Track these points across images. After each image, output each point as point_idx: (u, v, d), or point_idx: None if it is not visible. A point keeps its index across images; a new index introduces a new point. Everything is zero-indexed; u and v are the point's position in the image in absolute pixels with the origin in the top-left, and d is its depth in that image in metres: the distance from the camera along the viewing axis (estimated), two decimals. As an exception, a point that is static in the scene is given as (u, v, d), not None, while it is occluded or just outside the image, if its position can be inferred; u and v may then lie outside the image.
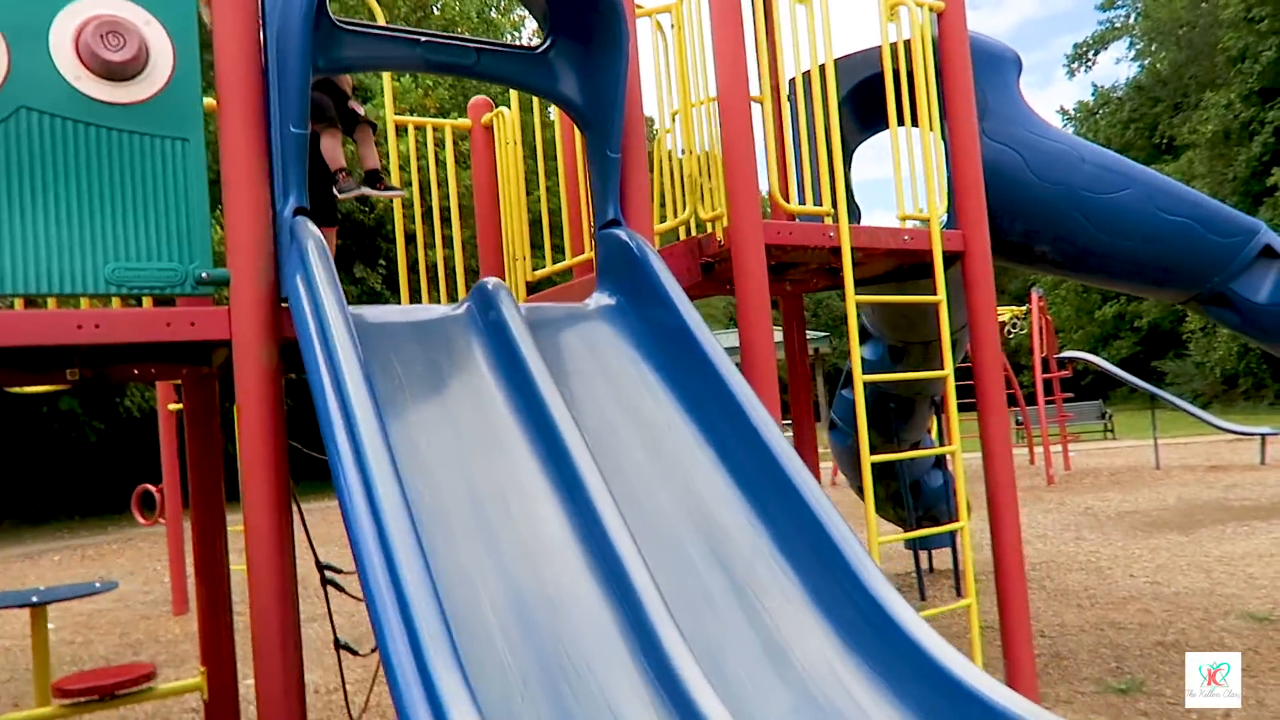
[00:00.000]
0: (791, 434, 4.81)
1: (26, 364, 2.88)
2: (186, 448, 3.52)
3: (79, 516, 15.95)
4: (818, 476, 4.62)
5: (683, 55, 3.46)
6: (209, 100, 2.68)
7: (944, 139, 3.85)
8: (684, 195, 3.64)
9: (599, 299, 2.92)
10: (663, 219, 3.69)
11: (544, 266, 3.95)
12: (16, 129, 2.27)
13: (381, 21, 3.79)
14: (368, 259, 18.13)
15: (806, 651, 2.13)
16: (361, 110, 3.63)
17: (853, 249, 3.61)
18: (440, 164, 4.12)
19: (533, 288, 4.02)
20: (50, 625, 6.91)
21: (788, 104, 4.33)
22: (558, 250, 3.94)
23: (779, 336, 4.80)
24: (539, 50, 2.96)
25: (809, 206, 3.50)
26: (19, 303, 2.77)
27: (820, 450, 5.66)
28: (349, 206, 14.15)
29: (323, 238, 2.42)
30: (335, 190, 3.53)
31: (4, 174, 2.25)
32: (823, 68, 3.46)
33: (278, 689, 2.33)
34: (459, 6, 21.68)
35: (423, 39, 2.77)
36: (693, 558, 2.27)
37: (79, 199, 2.31)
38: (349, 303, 2.29)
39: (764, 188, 3.59)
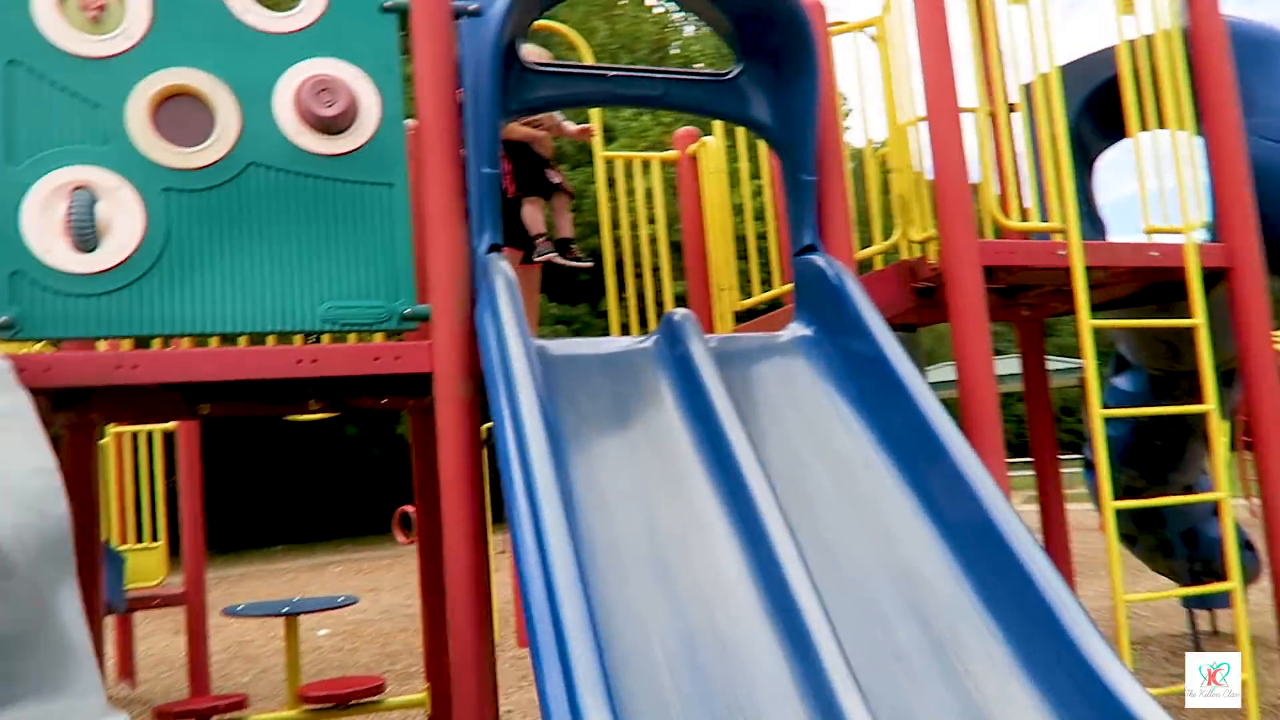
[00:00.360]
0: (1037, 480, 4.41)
1: (270, 396, 3.15)
2: (413, 474, 3.73)
3: (359, 534, 17.54)
4: (1061, 517, 4.22)
5: (888, 69, 3.28)
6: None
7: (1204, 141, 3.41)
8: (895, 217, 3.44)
9: (794, 329, 2.80)
10: (869, 242, 3.51)
11: (751, 295, 3.87)
12: (247, 183, 2.49)
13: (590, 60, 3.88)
14: (586, 292, 18.62)
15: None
16: (558, 179, 3.78)
17: (1091, 268, 3.27)
18: (650, 196, 4.15)
19: (742, 317, 3.95)
20: (323, 632, 7.63)
21: (1022, 112, 4.01)
22: (768, 279, 3.84)
23: (1015, 366, 4.43)
24: (729, 76, 2.90)
25: (1034, 223, 3.19)
26: (243, 340, 3.04)
27: (1072, 490, 5.16)
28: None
29: (513, 275, 2.47)
30: (534, 255, 3.77)
31: (236, 225, 2.47)
32: (1046, 73, 3.16)
33: (473, 710, 2.38)
34: (698, 45, 22.13)
35: (610, 74, 2.79)
36: (884, 608, 2.09)
37: (297, 244, 2.50)
38: (556, 335, 2.33)
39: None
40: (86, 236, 2.34)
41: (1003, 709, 1.91)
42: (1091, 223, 4.12)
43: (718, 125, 3.86)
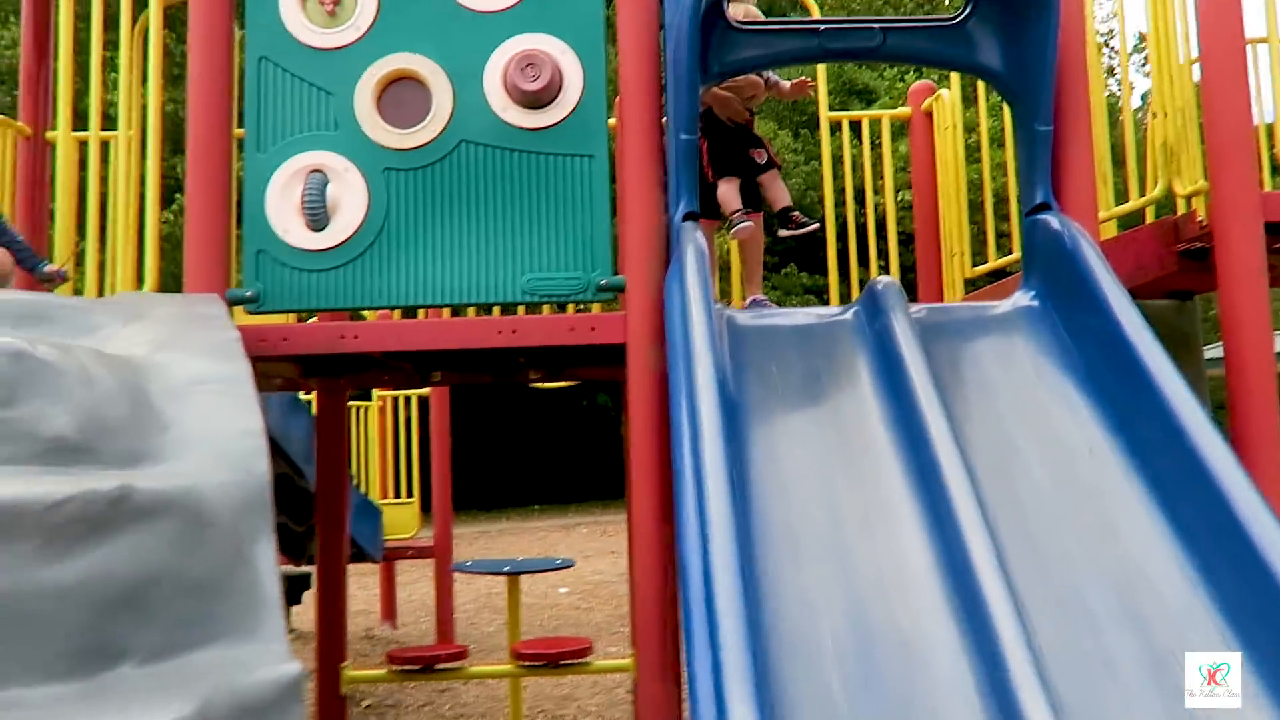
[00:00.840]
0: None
1: (489, 366, 3.31)
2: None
3: (607, 498, 18.25)
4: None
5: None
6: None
7: None
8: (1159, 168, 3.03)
9: (1018, 298, 2.54)
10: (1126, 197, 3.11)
11: (985, 262, 3.57)
12: (457, 161, 2.60)
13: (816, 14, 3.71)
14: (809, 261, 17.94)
15: (1250, 758, 1.62)
16: (764, 158, 3.52)
17: None
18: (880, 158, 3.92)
19: (973, 284, 3.65)
20: (564, 590, 8.02)
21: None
22: (1005, 242, 3.52)
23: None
24: (956, 20, 2.66)
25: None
26: (445, 311, 3.19)
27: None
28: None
29: (704, 243, 2.42)
30: (730, 231, 3.58)
31: (447, 201, 2.59)
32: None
33: (655, 679, 2.38)
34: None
35: (822, 28, 2.65)
36: (1097, 612, 1.86)
37: (502, 218, 2.58)
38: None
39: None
40: (318, 216, 2.55)
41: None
42: None
43: (954, 77, 3.57)
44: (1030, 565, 1.93)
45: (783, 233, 3.55)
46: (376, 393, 6.04)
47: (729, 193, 3.41)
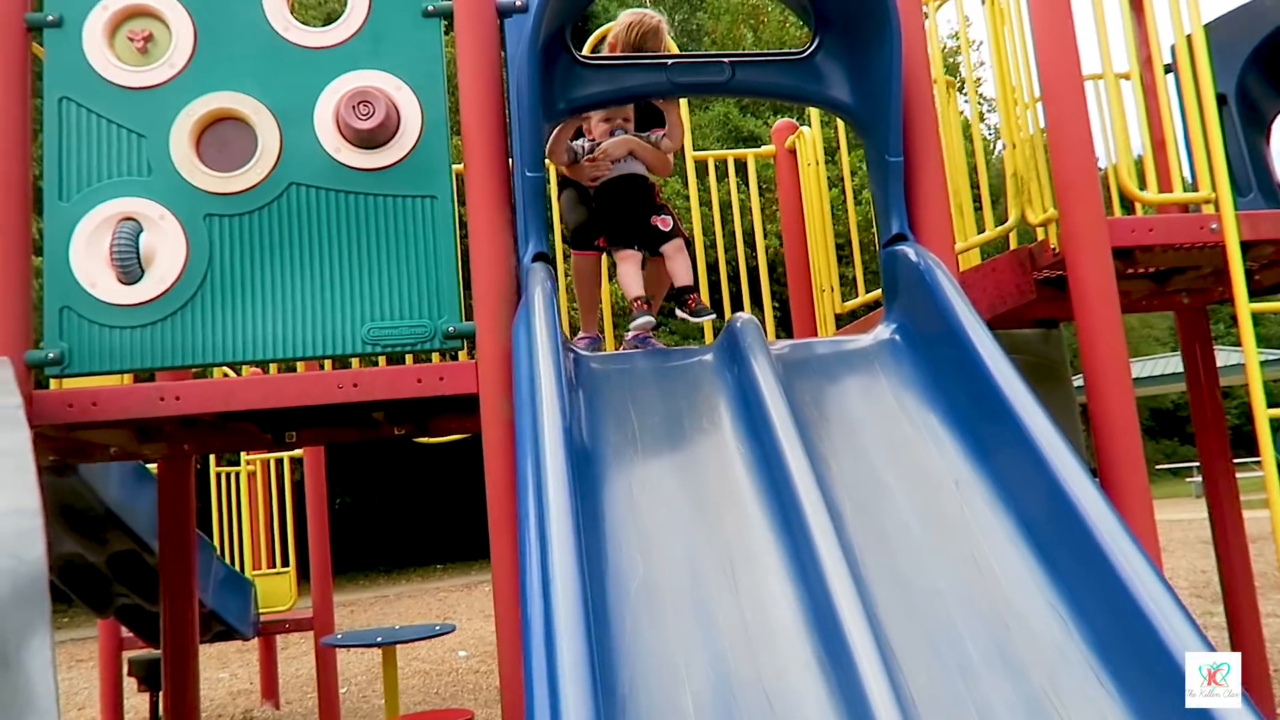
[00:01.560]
0: (1205, 486, 3.87)
1: (345, 420, 3.10)
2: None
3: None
4: (1238, 526, 3.65)
5: (998, 30, 2.91)
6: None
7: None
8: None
9: (880, 331, 2.48)
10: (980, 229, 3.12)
11: (856, 296, 3.54)
12: (287, 204, 2.42)
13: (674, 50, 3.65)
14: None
15: (1129, 802, 1.54)
16: (669, 225, 3.11)
17: (1258, 243, 2.80)
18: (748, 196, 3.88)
19: (851, 318, 3.62)
20: (462, 654, 7.68)
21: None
22: (875, 277, 3.50)
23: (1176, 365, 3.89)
24: (804, 54, 2.63)
25: (1177, 194, 2.75)
26: (274, 367, 2.99)
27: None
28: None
29: (551, 285, 2.29)
30: (629, 327, 3.09)
31: (278, 248, 2.40)
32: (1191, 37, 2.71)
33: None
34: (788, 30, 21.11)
35: (669, 62, 2.57)
36: (970, 655, 1.76)
37: (339, 264, 2.41)
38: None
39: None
40: (130, 267, 2.33)
41: (1116, 783, 1.56)
42: (1267, 194, 3.56)
43: (815, 114, 3.56)
44: (900, 608, 1.83)
45: (678, 313, 3.16)
46: (246, 456, 5.69)
47: (628, 273, 3.00)
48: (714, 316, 3.12)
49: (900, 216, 2.52)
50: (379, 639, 3.60)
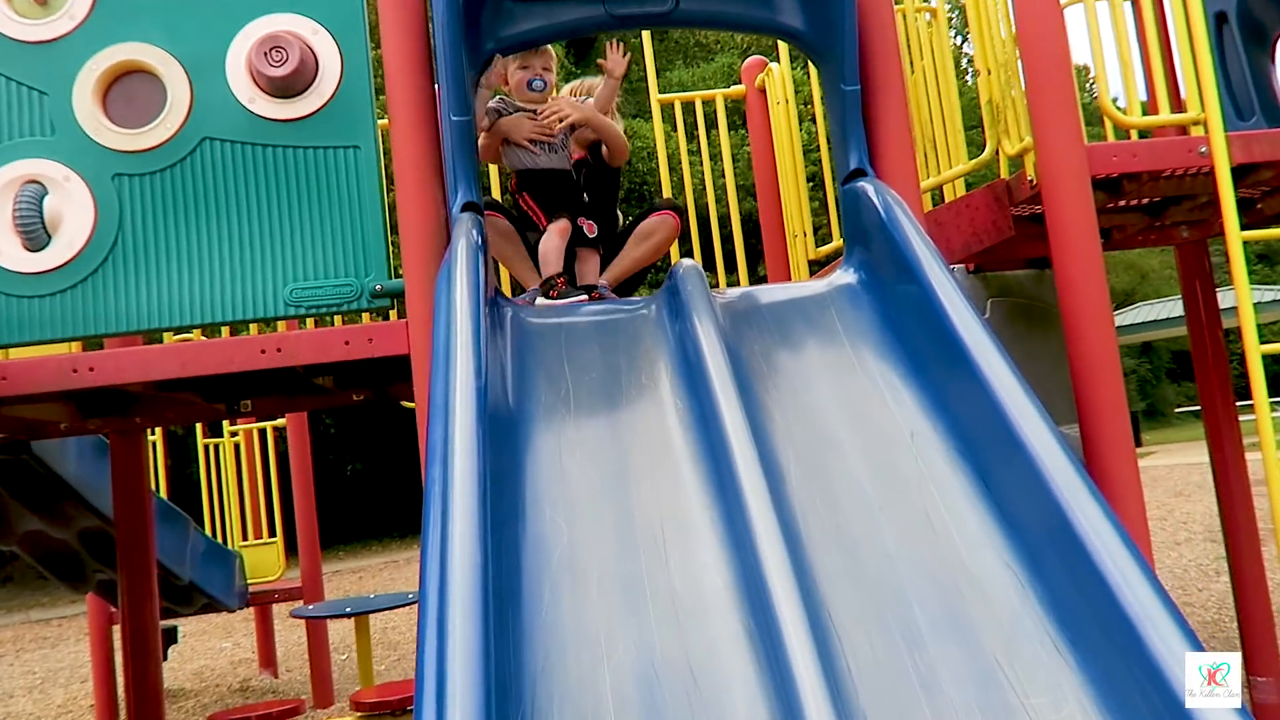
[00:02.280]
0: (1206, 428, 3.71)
1: (292, 388, 2.97)
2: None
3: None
4: (1241, 470, 3.48)
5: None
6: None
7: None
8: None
9: (838, 276, 2.32)
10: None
11: (831, 241, 3.36)
12: (200, 161, 2.27)
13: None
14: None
15: (1084, 781, 1.40)
16: (593, 232, 2.82)
17: (1256, 165, 2.61)
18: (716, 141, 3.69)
19: (822, 265, 3.45)
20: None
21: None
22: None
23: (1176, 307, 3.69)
24: (752, -22, 2.43)
25: (1164, 116, 2.55)
26: (196, 333, 2.86)
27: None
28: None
29: (478, 236, 2.14)
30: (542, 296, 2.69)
31: (191, 207, 2.26)
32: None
33: None
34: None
35: (607, -8, 2.39)
36: (918, 621, 1.62)
37: (258, 222, 2.27)
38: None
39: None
40: (34, 233, 2.20)
41: (1072, 757, 1.43)
42: (1271, 117, 3.34)
43: (784, 49, 3.36)
44: (845, 573, 1.69)
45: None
46: (229, 427, 5.61)
47: (550, 243, 2.71)
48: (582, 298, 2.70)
49: (859, 150, 2.35)
50: (348, 609, 3.52)
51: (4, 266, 2.20)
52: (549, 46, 2.82)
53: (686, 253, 3.62)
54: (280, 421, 5.55)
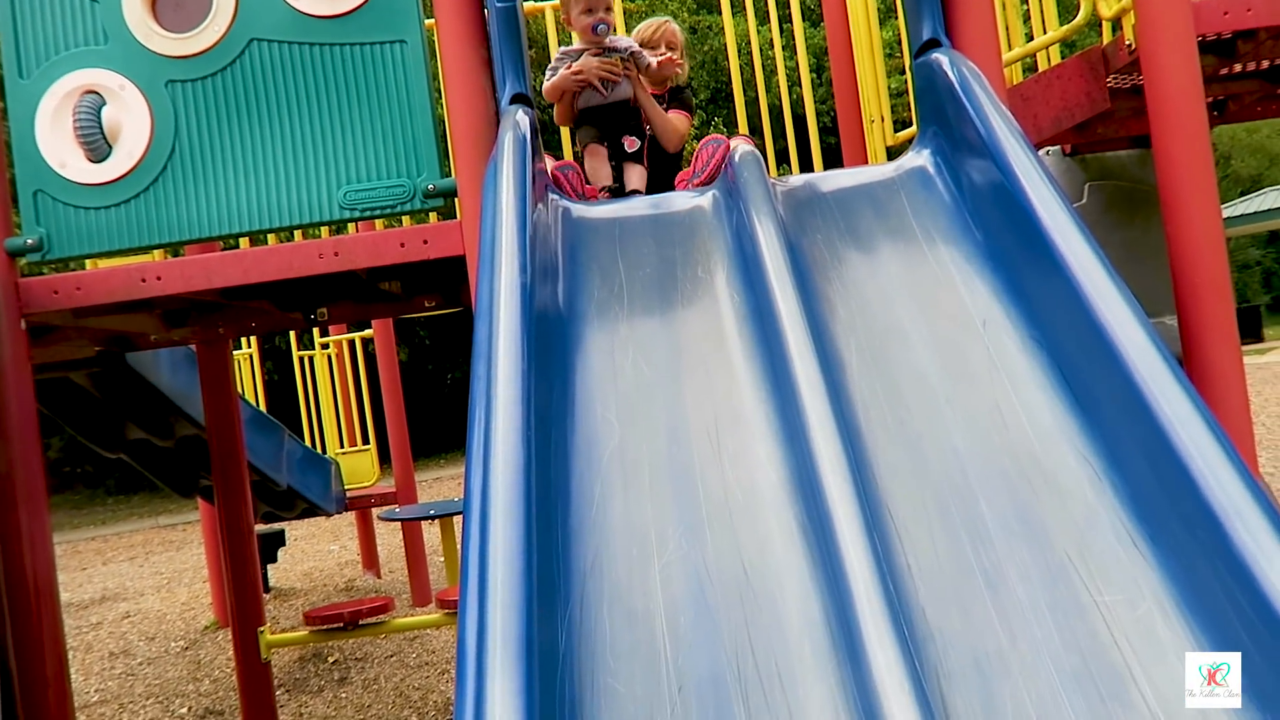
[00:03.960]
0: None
1: (363, 295, 2.99)
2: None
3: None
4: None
5: None
6: None
7: None
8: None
9: (909, 159, 2.18)
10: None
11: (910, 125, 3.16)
12: (249, 63, 2.24)
13: None
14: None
15: (1159, 682, 1.32)
16: (635, 146, 2.83)
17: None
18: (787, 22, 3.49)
19: (898, 153, 3.25)
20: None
21: None
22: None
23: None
24: None
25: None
26: (244, 241, 2.87)
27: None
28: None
29: (528, 126, 2.07)
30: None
31: (243, 112, 2.24)
32: None
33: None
34: None
35: None
36: (985, 517, 1.54)
37: (309, 125, 2.24)
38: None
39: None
40: (95, 143, 2.22)
41: (1150, 656, 1.34)
42: None
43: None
44: (907, 468, 1.62)
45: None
46: (320, 339, 5.76)
47: (596, 166, 2.82)
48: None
49: (933, 18, 2.17)
50: (431, 512, 3.60)
51: (71, 178, 2.23)
52: None
53: (761, 149, 3.47)
54: (369, 332, 5.66)
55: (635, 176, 2.82)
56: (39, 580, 2.14)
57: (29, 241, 2.22)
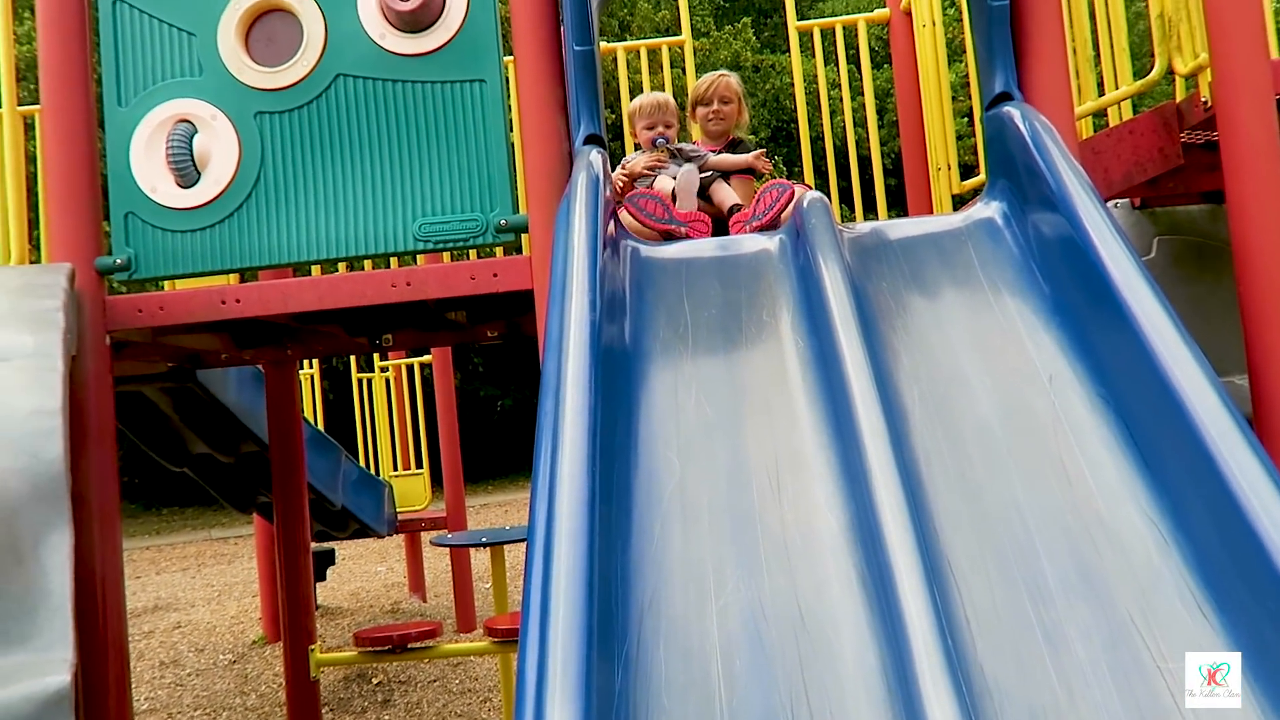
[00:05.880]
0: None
1: (427, 323, 3.06)
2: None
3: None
4: None
5: None
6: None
7: None
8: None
9: (978, 210, 2.19)
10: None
11: (977, 174, 3.16)
12: (335, 97, 2.33)
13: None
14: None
15: (1224, 750, 1.30)
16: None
17: None
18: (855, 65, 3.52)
19: (963, 202, 3.26)
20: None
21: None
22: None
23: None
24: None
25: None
26: (315, 269, 2.94)
27: None
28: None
29: (601, 167, 2.12)
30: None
31: (326, 143, 2.33)
32: None
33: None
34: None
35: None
36: (1045, 574, 1.53)
37: (388, 158, 2.32)
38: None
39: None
40: (186, 170, 2.32)
41: (1209, 722, 1.32)
42: None
43: (933, -30, 3.16)
44: (968, 520, 1.61)
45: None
46: (380, 363, 5.87)
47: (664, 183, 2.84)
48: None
49: (1006, 71, 2.18)
50: (484, 539, 3.65)
51: (161, 203, 2.33)
52: (671, 102, 3.01)
53: (825, 191, 3.50)
54: (427, 358, 5.76)
55: (726, 195, 2.86)
56: (107, 591, 2.20)
57: (118, 261, 2.32)
